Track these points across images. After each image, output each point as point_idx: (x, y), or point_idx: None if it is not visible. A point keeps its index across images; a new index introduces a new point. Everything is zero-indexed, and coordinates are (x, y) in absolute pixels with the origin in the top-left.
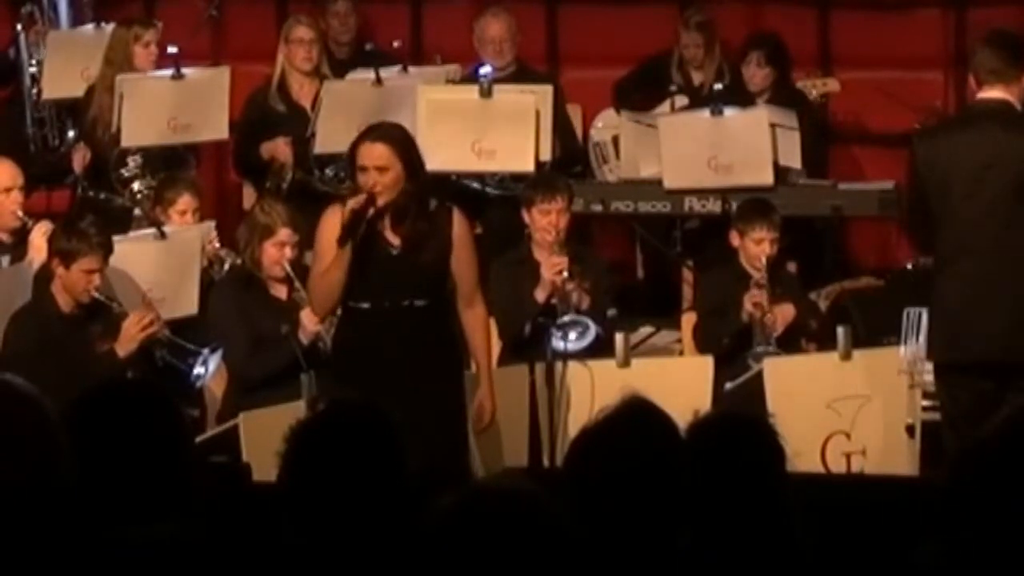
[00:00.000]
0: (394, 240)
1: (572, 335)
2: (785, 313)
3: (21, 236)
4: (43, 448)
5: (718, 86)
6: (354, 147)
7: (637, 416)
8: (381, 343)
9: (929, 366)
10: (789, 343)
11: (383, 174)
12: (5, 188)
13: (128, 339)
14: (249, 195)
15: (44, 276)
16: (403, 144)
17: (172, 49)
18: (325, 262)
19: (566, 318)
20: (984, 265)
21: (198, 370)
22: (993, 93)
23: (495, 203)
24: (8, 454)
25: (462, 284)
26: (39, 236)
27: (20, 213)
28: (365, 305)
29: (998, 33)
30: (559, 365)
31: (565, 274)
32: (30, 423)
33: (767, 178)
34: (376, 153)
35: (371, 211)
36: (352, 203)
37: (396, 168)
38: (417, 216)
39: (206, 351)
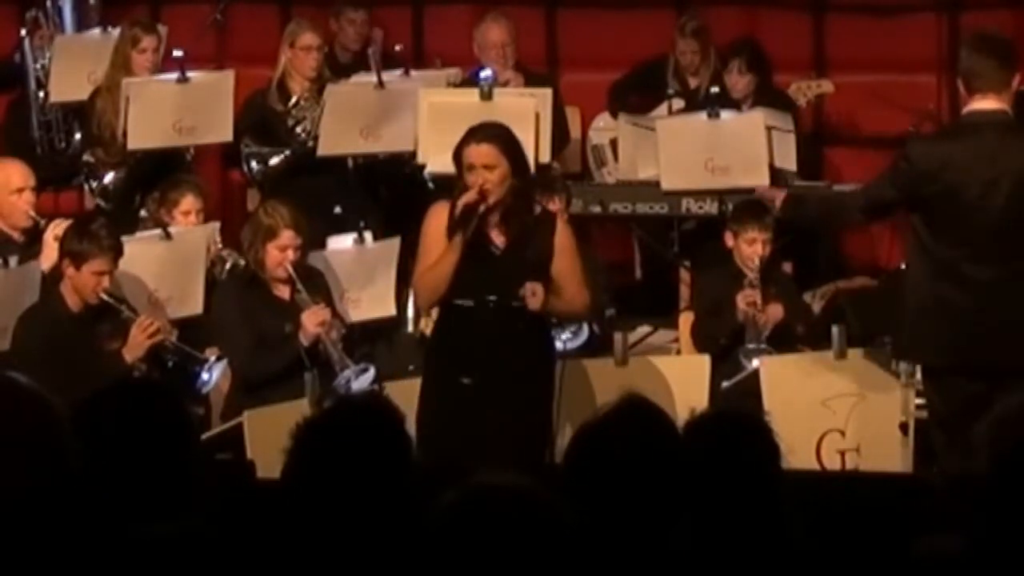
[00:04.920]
0: (498, 240)
1: (565, 335)
2: (774, 313)
3: (33, 236)
4: (49, 446)
5: (714, 89)
6: (459, 148)
7: (635, 414)
8: (479, 341)
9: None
10: (778, 343)
11: (491, 171)
12: (17, 188)
13: (135, 346)
14: (253, 197)
15: (52, 276)
16: (508, 142)
17: (177, 52)
18: (431, 257)
19: None
20: (994, 272)
21: (203, 377)
22: (987, 103)
23: None
24: (14, 452)
25: (565, 290)
26: (53, 235)
27: (32, 213)
28: (467, 303)
29: (986, 39)
30: (559, 363)
31: None
32: (36, 421)
33: (763, 180)
34: (483, 152)
35: (482, 207)
36: (465, 198)
37: (503, 166)
38: (524, 216)
39: (212, 359)
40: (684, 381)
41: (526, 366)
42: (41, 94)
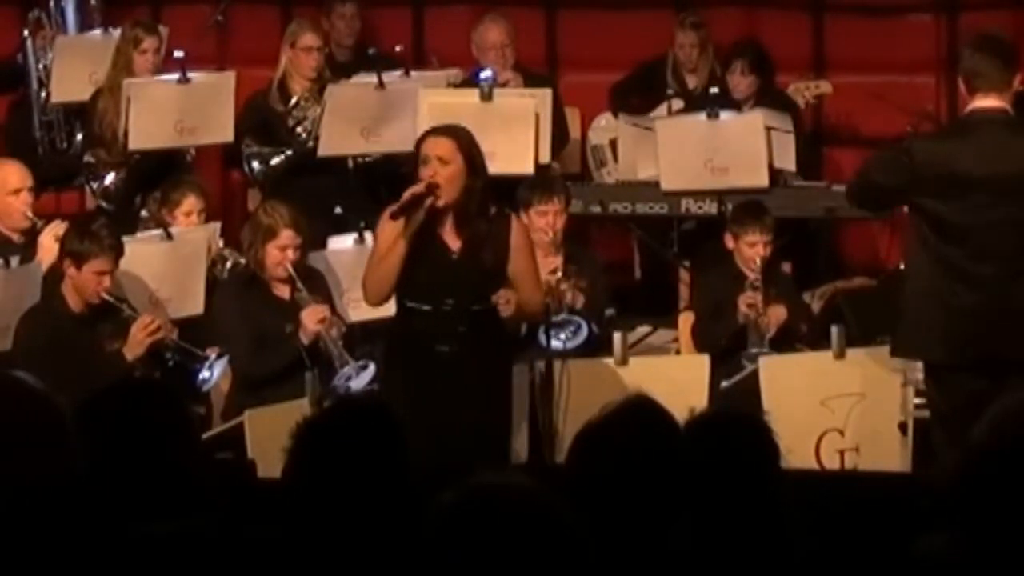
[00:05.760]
0: (453, 244)
1: (563, 334)
2: (777, 314)
3: (31, 237)
4: (54, 446)
5: (714, 90)
6: (418, 143)
7: (640, 413)
8: (435, 343)
9: (920, 363)
10: (782, 344)
11: (444, 166)
12: (15, 189)
13: (136, 344)
14: (254, 197)
15: (54, 276)
16: (467, 142)
17: (178, 53)
18: (380, 254)
19: (558, 317)
20: (996, 269)
21: (204, 374)
22: (989, 102)
23: None
24: (19, 450)
25: (521, 292)
26: (48, 237)
27: (30, 214)
28: (423, 306)
29: (988, 39)
30: (558, 363)
31: (559, 274)
32: (41, 421)
33: (762, 180)
34: (439, 144)
35: (429, 201)
36: (412, 189)
37: (457, 162)
38: (478, 219)
39: (212, 356)
40: (684, 381)
41: (485, 368)
42: (43, 94)
